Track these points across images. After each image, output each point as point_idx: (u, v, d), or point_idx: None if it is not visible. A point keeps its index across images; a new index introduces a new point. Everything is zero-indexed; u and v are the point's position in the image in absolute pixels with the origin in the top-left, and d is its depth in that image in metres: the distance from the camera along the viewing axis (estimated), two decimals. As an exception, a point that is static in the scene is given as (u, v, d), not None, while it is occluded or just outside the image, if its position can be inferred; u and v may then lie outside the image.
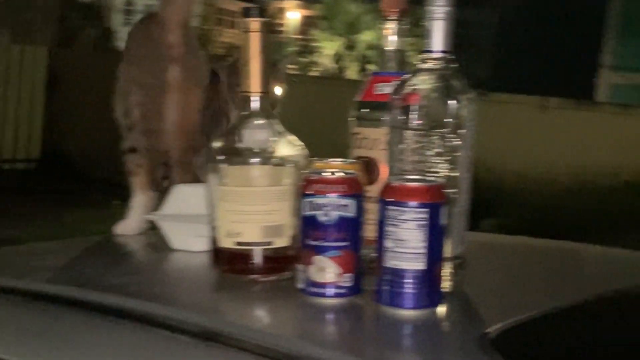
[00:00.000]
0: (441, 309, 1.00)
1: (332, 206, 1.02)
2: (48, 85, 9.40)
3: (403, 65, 1.19)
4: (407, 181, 1.00)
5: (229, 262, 1.12)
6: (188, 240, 1.26)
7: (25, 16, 8.60)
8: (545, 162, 8.04)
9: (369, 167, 1.16)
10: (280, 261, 1.11)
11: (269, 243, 1.10)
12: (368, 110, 1.19)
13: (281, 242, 1.11)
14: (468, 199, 1.10)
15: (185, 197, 1.32)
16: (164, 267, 1.27)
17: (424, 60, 1.09)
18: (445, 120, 1.06)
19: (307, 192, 1.03)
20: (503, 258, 1.38)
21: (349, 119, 1.21)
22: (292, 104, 1.45)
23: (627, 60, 13.78)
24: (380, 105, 1.15)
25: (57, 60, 9.50)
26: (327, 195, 1.02)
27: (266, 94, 1.14)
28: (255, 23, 1.12)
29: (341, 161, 1.15)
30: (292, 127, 1.14)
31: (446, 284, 1.04)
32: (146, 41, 1.48)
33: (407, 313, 0.99)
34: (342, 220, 1.02)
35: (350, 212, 1.02)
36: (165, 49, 1.44)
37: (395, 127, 1.09)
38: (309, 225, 1.03)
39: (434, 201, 0.99)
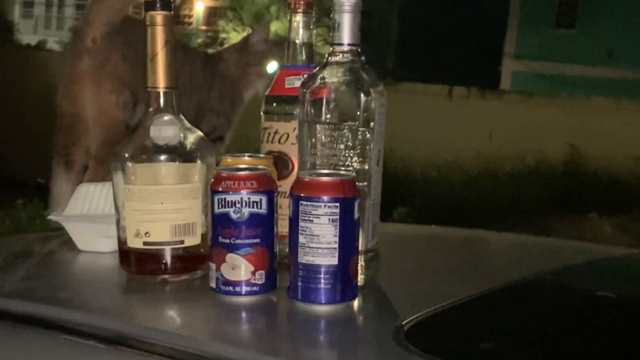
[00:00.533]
0: (356, 303, 1.00)
1: (243, 203, 1.00)
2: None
3: (312, 58, 1.18)
4: (318, 176, 0.99)
5: (138, 263, 1.09)
6: (95, 241, 1.22)
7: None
8: (453, 150, 8.18)
9: (281, 161, 1.15)
10: (191, 260, 1.09)
11: (179, 242, 1.08)
12: (277, 104, 1.18)
13: (192, 240, 1.08)
14: (379, 191, 1.10)
15: (91, 197, 1.28)
16: (70, 269, 1.23)
17: (333, 53, 1.08)
18: (355, 113, 1.05)
19: (217, 189, 1.00)
20: (415, 248, 1.39)
21: (261, 113, 1.19)
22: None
23: (528, 49, 14.16)
24: (290, 99, 1.13)
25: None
26: (238, 192, 1.00)
27: (174, 88, 1.11)
28: (159, 16, 1.09)
29: (252, 156, 1.14)
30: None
31: (360, 278, 1.04)
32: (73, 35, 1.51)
33: (322, 308, 0.98)
34: (254, 217, 1.00)
35: (262, 209, 1.00)
36: (82, 42, 1.45)
37: (306, 121, 1.07)
38: (220, 223, 1.01)
39: (346, 195, 0.98)
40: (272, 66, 1.73)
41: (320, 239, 0.97)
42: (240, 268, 1.00)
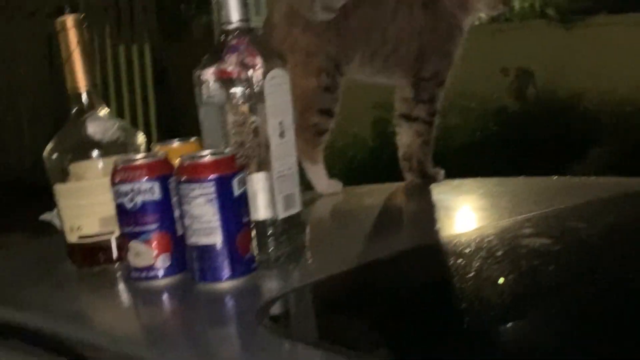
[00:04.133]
0: (247, 279, 1.01)
1: (135, 192, 1.03)
2: (157, 81, 9.64)
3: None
4: (195, 158, 1.00)
5: (79, 256, 1.16)
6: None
7: (124, 14, 8.87)
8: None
9: None
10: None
11: (110, 233, 1.13)
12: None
13: (122, 230, 1.13)
14: (292, 161, 1.10)
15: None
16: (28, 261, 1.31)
17: (223, 32, 1.08)
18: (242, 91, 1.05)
19: (114, 181, 1.05)
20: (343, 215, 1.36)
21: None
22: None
23: None
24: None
25: (166, 54, 9.69)
26: (129, 182, 1.03)
27: (94, 86, 1.17)
28: (69, 20, 1.14)
29: (180, 141, 1.17)
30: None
31: (269, 251, 1.05)
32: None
33: (220, 286, 1.00)
34: (148, 204, 1.03)
35: (155, 195, 1.03)
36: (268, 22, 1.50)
37: (203, 103, 1.09)
38: (120, 213, 1.05)
39: (221, 174, 0.99)
40: None
41: (200, 220, 0.99)
42: (142, 254, 1.04)
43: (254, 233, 1.04)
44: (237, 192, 1.00)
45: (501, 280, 0.97)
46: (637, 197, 1.35)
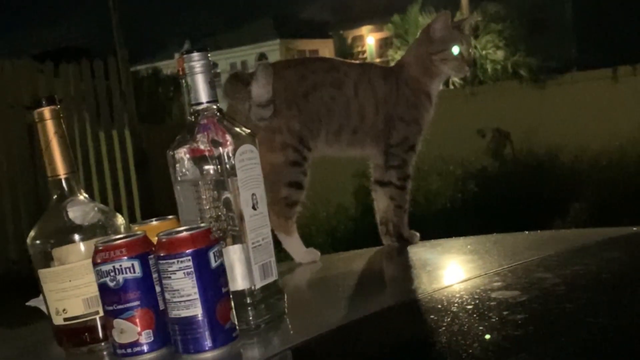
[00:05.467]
0: (228, 348, 1.04)
1: (116, 271, 1.07)
2: (137, 164, 9.68)
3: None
4: (172, 234, 1.05)
5: (66, 337, 1.19)
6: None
7: (102, 102, 8.96)
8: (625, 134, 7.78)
9: None
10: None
11: (94, 313, 1.17)
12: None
13: (105, 309, 1.17)
14: (267, 231, 1.14)
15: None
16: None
17: (194, 113, 1.14)
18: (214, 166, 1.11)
19: (95, 262, 1.09)
20: (321, 281, 1.40)
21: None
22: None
23: None
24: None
25: (146, 137, 9.76)
26: (111, 261, 1.07)
27: (73, 172, 1.21)
28: (46, 111, 1.20)
29: (159, 220, 1.21)
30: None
31: (249, 319, 1.09)
32: None
33: (203, 356, 1.04)
34: (130, 282, 1.07)
35: (136, 273, 1.07)
36: None
37: (178, 181, 1.14)
38: (102, 292, 1.09)
39: (198, 247, 1.03)
40: (455, 50, 1.71)
41: (180, 293, 1.03)
42: (126, 331, 1.07)
43: (233, 303, 1.08)
44: (214, 264, 1.04)
45: (476, 333, 1.01)
46: (602, 245, 1.40)
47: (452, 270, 1.45)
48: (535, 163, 7.66)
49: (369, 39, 24.07)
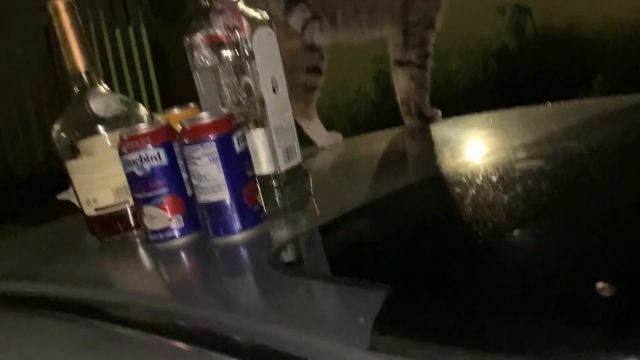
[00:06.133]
0: (257, 229, 1.06)
1: (142, 159, 1.09)
2: (155, 60, 9.61)
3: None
4: (194, 121, 1.05)
5: (99, 227, 1.22)
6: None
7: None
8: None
9: None
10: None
11: (124, 202, 1.19)
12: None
13: (135, 198, 1.19)
14: (287, 115, 1.15)
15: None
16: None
17: (208, -3, 1.12)
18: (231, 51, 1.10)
19: (122, 152, 1.10)
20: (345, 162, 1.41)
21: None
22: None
23: None
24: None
25: (164, 33, 9.64)
26: (136, 150, 1.09)
27: (93, 65, 1.22)
28: (59, 3, 1.19)
29: (180, 108, 1.22)
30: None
31: (275, 202, 1.11)
32: None
33: (232, 238, 1.06)
34: (156, 170, 1.09)
35: (162, 161, 1.09)
36: None
37: (196, 68, 1.14)
38: (131, 181, 1.10)
39: (221, 133, 1.04)
40: None
41: (207, 178, 1.04)
42: (156, 217, 1.10)
43: (259, 186, 1.09)
44: (238, 148, 1.05)
45: (502, 202, 1.02)
46: (626, 112, 1.39)
47: (475, 145, 1.45)
48: (557, 38, 7.51)
49: None
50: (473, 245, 0.90)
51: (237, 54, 1.10)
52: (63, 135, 1.21)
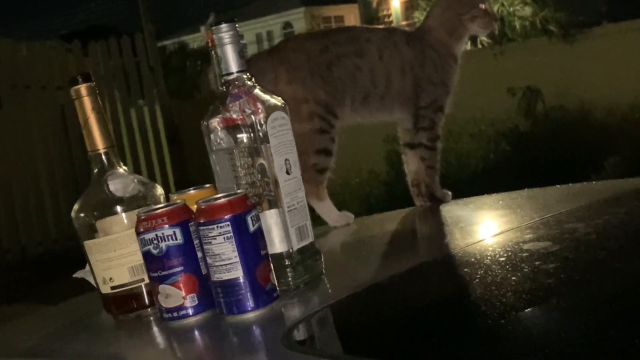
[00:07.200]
0: (269, 308, 1.08)
1: (159, 238, 1.11)
2: (169, 139, 9.71)
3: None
4: (210, 201, 1.09)
5: (114, 305, 1.24)
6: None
7: (132, 78, 9.02)
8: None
9: None
10: (154, 294, 1.22)
11: (140, 281, 1.21)
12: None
13: (150, 277, 1.21)
14: (300, 195, 1.18)
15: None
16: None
17: (225, 83, 1.17)
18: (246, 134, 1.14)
19: (139, 231, 1.13)
20: (356, 242, 1.44)
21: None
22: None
23: None
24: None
25: (176, 112, 9.78)
26: (153, 230, 1.12)
27: (112, 147, 1.26)
28: (82, 89, 1.24)
29: (196, 188, 1.25)
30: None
31: (286, 281, 1.13)
32: None
33: (246, 317, 1.08)
34: (172, 249, 1.11)
35: (178, 240, 1.12)
36: None
37: (213, 150, 1.17)
38: (147, 259, 1.13)
39: (236, 213, 1.07)
40: (482, 6, 1.72)
41: (221, 257, 1.07)
42: (171, 296, 1.12)
43: (272, 265, 1.11)
44: (252, 228, 1.08)
45: (510, 283, 1.04)
46: (633, 195, 1.42)
47: (484, 226, 1.48)
48: (567, 120, 7.60)
49: (394, 2, 23.86)
50: (482, 326, 0.91)
51: (252, 136, 1.14)
52: (82, 215, 1.24)
